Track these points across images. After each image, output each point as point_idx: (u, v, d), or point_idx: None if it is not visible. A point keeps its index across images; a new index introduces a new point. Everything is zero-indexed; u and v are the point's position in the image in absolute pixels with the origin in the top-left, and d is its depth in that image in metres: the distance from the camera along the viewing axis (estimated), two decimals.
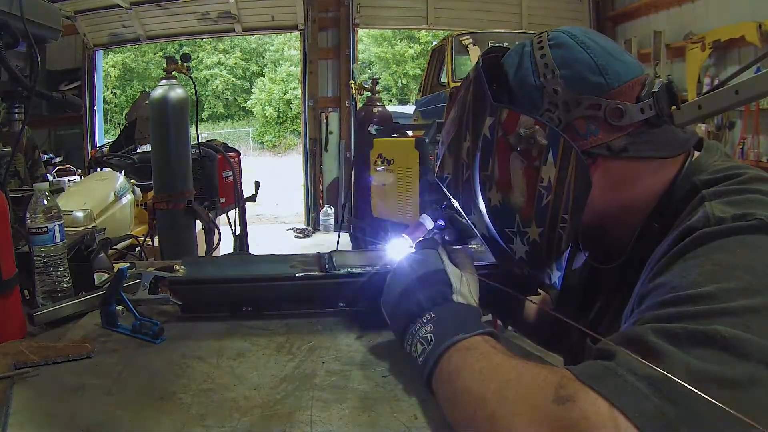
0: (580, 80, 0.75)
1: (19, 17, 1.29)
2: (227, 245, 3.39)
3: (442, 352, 0.69)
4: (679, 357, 0.52)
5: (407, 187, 3.55)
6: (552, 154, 0.74)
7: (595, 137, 0.74)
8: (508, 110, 0.77)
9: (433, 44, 8.81)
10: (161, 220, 2.84)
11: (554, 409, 0.54)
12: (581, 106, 0.74)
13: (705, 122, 5.73)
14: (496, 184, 0.79)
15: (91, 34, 8.69)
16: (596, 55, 0.75)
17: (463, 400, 0.63)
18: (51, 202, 1.07)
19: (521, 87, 0.79)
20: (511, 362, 0.64)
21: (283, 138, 21.08)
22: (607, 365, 0.55)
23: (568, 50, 0.77)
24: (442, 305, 0.75)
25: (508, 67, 0.82)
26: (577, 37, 0.78)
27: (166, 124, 2.69)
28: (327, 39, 8.31)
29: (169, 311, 1.06)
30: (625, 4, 7.91)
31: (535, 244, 0.78)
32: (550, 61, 0.77)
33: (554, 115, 0.75)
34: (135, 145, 4.55)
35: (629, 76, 0.75)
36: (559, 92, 0.75)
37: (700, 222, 0.65)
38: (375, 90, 4.39)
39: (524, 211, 0.77)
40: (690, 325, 0.54)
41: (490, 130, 0.78)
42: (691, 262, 0.62)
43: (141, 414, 0.71)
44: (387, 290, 0.84)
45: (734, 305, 0.54)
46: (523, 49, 0.82)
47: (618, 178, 0.76)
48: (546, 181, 0.74)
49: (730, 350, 0.51)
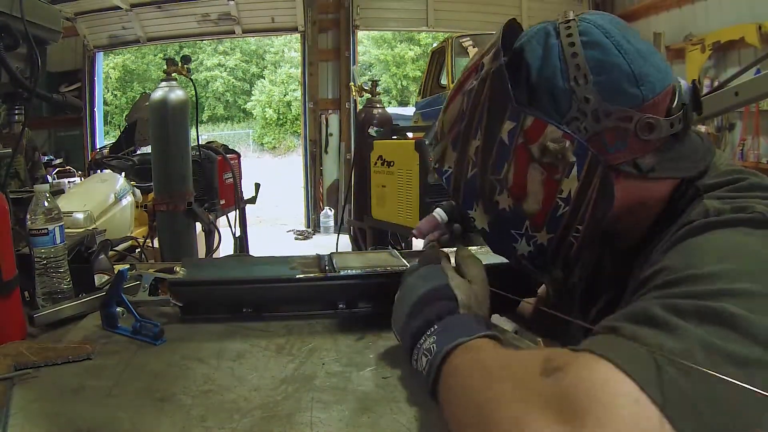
0: (615, 90, 0.69)
1: (19, 19, 1.29)
2: (227, 247, 3.39)
3: (443, 358, 0.66)
4: (690, 331, 0.49)
5: (407, 189, 3.55)
6: (577, 169, 0.69)
7: (622, 152, 0.70)
8: (534, 118, 0.71)
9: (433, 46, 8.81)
10: (161, 221, 2.84)
11: (541, 382, 0.50)
12: (611, 117, 0.69)
13: (705, 124, 5.73)
14: (509, 190, 0.74)
15: (91, 35, 8.70)
16: (633, 61, 0.69)
17: (455, 397, 0.61)
18: (51, 204, 1.07)
19: (546, 87, 0.72)
20: (504, 352, 0.61)
21: (283, 140, 21.07)
22: (612, 337, 0.52)
23: (603, 52, 0.70)
24: (446, 318, 0.72)
25: (530, 58, 0.74)
26: (611, 34, 0.71)
27: (166, 125, 2.69)
28: (327, 41, 8.32)
29: (170, 313, 1.06)
30: (625, 6, 7.93)
31: (542, 247, 0.75)
32: (584, 63, 0.70)
33: (582, 125, 0.70)
34: (135, 146, 4.56)
35: (662, 86, 0.70)
36: (591, 101, 0.69)
37: (699, 215, 0.65)
38: (375, 92, 4.39)
39: (536, 218, 0.73)
40: (698, 302, 0.51)
41: (509, 136, 0.72)
42: (691, 246, 0.61)
43: (141, 415, 0.71)
44: (395, 310, 0.81)
45: (739, 287, 0.52)
46: (547, 39, 0.74)
47: (639, 193, 0.74)
48: (566, 193, 0.71)
49: (739, 329, 0.49)
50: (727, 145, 6.02)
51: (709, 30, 6.06)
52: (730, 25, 5.70)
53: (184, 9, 8.51)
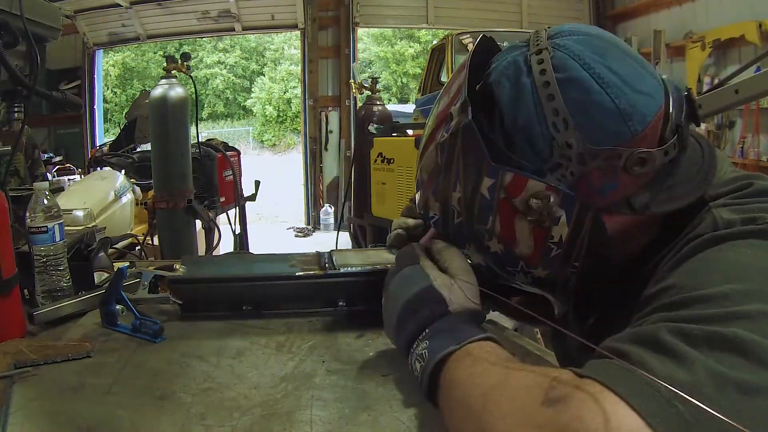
0: (600, 130, 0.63)
1: (18, 16, 1.29)
2: (227, 244, 3.39)
3: (435, 367, 0.65)
4: (698, 359, 0.47)
5: (407, 186, 3.55)
6: (566, 217, 0.66)
7: (614, 191, 0.66)
8: (513, 174, 0.66)
9: (433, 43, 8.80)
10: (161, 219, 2.84)
11: (543, 412, 0.49)
12: (599, 158, 0.64)
13: (705, 121, 5.72)
14: (497, 237, 0.70)
15: (91, 33, 8.69)
16: (618, 95, 0.63)
17: (455, 410, 0.60)
18: (51, 202, 1.07)
19: (522, 135, 0.66)
20: (501, 366, 0.60)
21: (283, 137, 21.05)
22: (618, 363, 0.50)
23: (583, 91, 0.63)
24: (437, 321, 0.69)
25: (502, 102, 0.68)
26: (590, 65, 0.64)
27: (166, 123, 2.68)
28: (327, 38, 8.32)
29: (169, 310, 1.06)
30: (626, 3, 7.92)
31: (540, 279, 0.73)
32: (561, 107, 0.63)
33: (567, 171, 0.65)
34: (135, 144, 4.55)
35: (653, 113, 0.65)
36: (574, 146, 0.63)
37: (708, 227, 0.62)
38: (375, 89, 4.38)
39: (530, 259, 0.70)
40: (707, 327, 0.49)
41: (489, 191, 0.68)
42: (699, 264, 0.59)
43: (141, 413, 0.71)
44: (385, 318, 0.79)
45: (749, 308, 0.50)
46: (518, 77, 0.67)
47: (634, 224, 0.70)
48: (557, 239, 0.67)
49: (749, 355, 0.47)
50: (727, 143, 6.02)
51: (710, 28, 6.05)
52: (731, 22, 5.69)
53: (184, 6, 8.50)
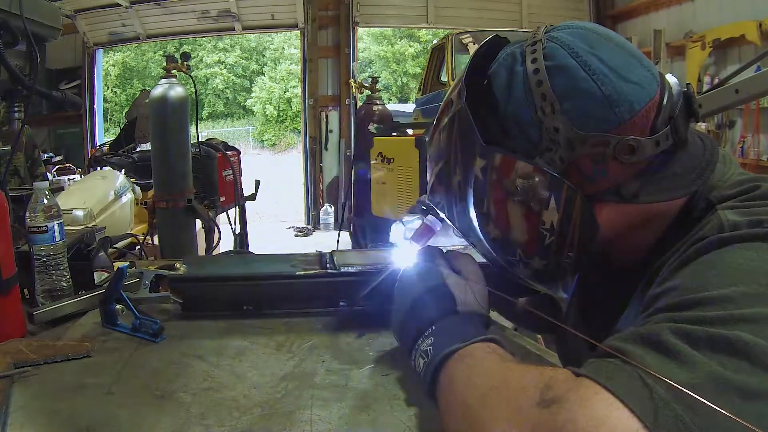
0: (586, 115, 0.65)
1: (18, 16, 1.29)
2: (227, 244, 3.39)
3: (439, 364, 0.66)
4: (701, 362, 0.47)
5: (407, 186, 3.55)
6: (554, 201, 0.67)
7: (604, 178, 0.67)
8: (502, 155, 0.68)
9: (433, 43, 8.79)
10: (161, 218, 2.84)
11: (537, 413, 0.49)
12: (587, 144, 0.65)
13: (705, 121, 5.73)
14: (493, 222, 0.72)
15: (90, 32, 8.69)
16: (604, 83, 0.65)
17: (453, 409, 0.61)
18: (51, 201, 1.06)
19: (513, 119, 0.69)
20: (501, 366, 0.60)
21: (283, 136, 21.05)
22: (618, 363, 0.50)
23: (569, 77, 0.66)
24: (444, 319, 0.71)
25: (496, 89, 0.71)
26: (578, 54, 0.66)
27: (166, 122, 2.68)
28: (327, 37, 8.32)
29: (169, 310, 1.06)
30: (625, 3, 7.92)
31: (539, 272, 0.74)
32: (549, 92, 0.65)
33: (555, 155, 0.66)
34: (135, 143, 4.55)
35: (643, 102, 0.66)
36: (561, 130, 0.65)
37: (714, 229, 0.62)
38: (375, 88, 4.38)
39: (526, 247, 0.71)
40: (711, 329, 0.49)
41: (482, 172, 0.70)
42: (704, 265, 0.58)
43: (141, 413, 0.71)
44: (393, 312, 0.80)
45: (753, 312, 0.50)
46: (513, 66, 0.70)
47: (629, 217, 0.70)
48: (548, 224, 0.68)
49: (752, 359, 0.47)
50: (727, 143, 6.02)
51: (710, 27, 6.04)
52: (731, 22, 5.69)
53: (184, 6, 8.49)
